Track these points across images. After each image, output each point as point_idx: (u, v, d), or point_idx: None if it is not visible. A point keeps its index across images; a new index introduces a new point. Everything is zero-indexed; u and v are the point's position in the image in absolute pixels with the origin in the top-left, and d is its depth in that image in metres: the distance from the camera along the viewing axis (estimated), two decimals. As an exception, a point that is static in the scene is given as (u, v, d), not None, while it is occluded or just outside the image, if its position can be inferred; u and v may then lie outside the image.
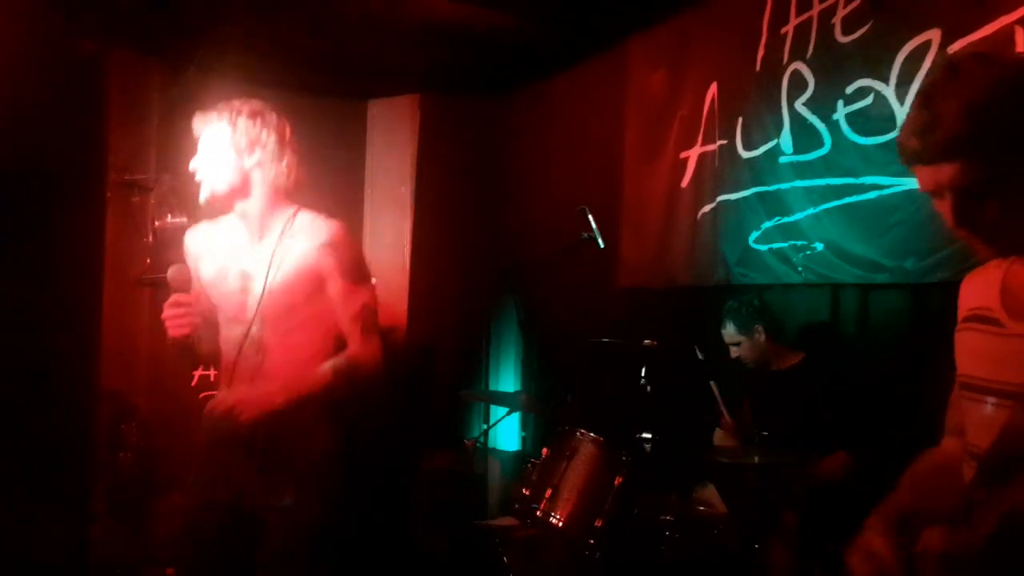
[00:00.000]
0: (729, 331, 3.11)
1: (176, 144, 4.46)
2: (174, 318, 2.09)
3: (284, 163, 2.22)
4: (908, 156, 1.22)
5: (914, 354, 2.62)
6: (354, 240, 2.32)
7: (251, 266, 2.18)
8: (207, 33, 4.20)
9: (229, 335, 2.18)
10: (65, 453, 3.66)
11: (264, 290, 2.13)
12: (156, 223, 4.16)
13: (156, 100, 4.40)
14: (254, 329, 2.13)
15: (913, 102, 1.23)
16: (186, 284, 2.13)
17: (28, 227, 3.61)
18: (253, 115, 2.23)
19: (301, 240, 2.16)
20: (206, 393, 4.43)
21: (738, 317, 3.10)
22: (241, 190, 2.19)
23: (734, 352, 3.13)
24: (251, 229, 2.21)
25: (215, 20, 4.07)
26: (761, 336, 3.08)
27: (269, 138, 2.22)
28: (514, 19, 4.03)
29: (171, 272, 2.13)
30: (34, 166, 3.60)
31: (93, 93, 3.96)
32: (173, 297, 2.10)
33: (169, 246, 4.38)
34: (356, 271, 2.20)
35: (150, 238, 4.22)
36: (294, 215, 2.22)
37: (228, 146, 2.19)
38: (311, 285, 2.15)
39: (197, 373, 4.46)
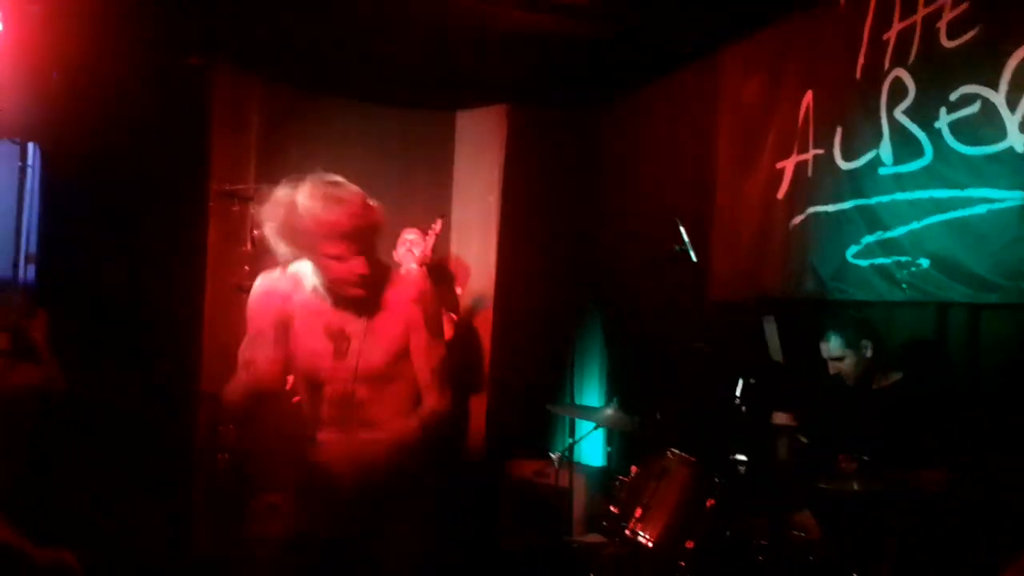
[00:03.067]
0: (833, 345, 3.00)
1: (275, 156, 4.64)
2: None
3: None
4: None
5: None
6: (434, 291, 2.41)
7: (349, 324, 2.25)
8: (303, 49, 4.34)
9: (319, 387, 2.28)
10: (168, 452, 3.84)
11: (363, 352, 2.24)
12: (255, 232, 4.31)
13: (256, 113, 4.56)
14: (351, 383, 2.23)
15: None
16: None
17: (137, 234, 3.80)
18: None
19: (395, 295, 2.28)
20: (300, 397, 4.56)
21: (846, 331, 2.99)
22: None
23: (834, 368, 3.02)
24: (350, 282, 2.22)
25: (311, 37, 4.20)
26: (868, 352, 2.97)
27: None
28: (604, 29, 4.01)
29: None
30: (143, 176, 3.80)
31: (198, 106, 4.15)
32: None
33: (267, 254, 4.54)
34: (437, 324, 2.34)
35: (249, 246, 4.37)
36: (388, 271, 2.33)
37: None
38: (403, 340, 2.29)
39: (291, 377, 4.58)
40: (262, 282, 2.34)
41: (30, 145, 3.65)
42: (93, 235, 3.67)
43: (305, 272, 2.28)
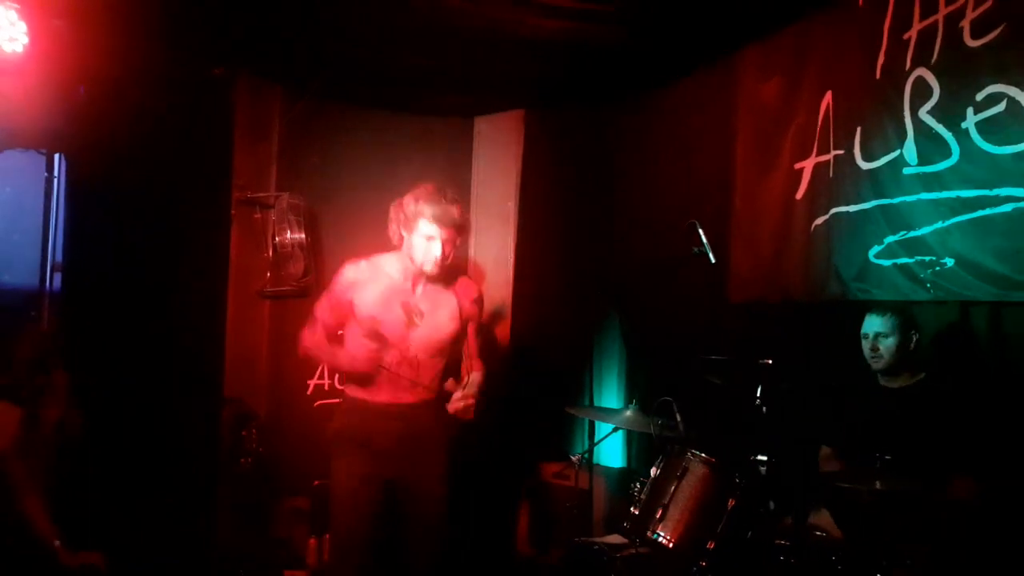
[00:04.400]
0: (884, 320, 2.97)
1: (295, 164, 4.69)
2: None
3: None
4: None
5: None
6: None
7: (418, 305, 2.95)
8: (323, 59, 4.38)
9: (386, 353, 2.94)
10: (193, 456, 3.88)
11: (428, 326, 2.98)
12: (276, 239, 4.37)
13: (277, 122, 4.61)
14: (412, 352, 2.98)
15: None
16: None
17: (161, 242, 3.85)
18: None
19: (460, 294, 3.07)
20: (321, 402, 4.60)
21: (902, 316, 2.97)
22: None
23: (873, 346, 2.98)
24: (413, 276, 2.99)
25: (331, 47, 4.24)
26: (913, 343, 2.95)
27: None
28: (620, 33, 4.01)
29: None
30: (167, 185, 3.85)
31: (220, 116, 4.20)
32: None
33: (287, 261, 4.60)
34: (481, 324, 3.24)
35: (270, 253, 4.42)
36: (456, 276, 3.11)
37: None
38: (463, 327, 3.07)
39: (312, 382, 4.63)
40: (348, 267, 3.03)
41: (56, 156, 3.72)
42: (118, 244, 3.73)
43: (388, 260, 3.01)
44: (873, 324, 3.01)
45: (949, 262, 2.95)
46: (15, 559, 2.71)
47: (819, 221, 3.58)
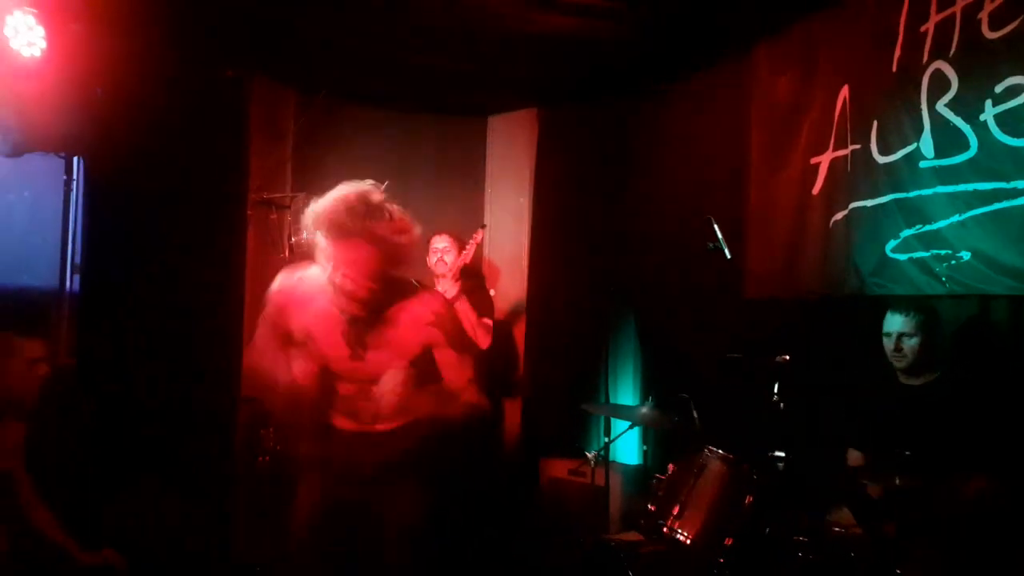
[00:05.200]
0: (907, 320, 2.89)
1: (309, 165, 4.71)
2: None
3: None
4: None
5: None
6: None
7: (365, 333, 2.33)
8: (337, 59, 4.40)
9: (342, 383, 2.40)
10: (210, 456, 3.91)
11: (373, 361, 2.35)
12: (292, 239, 4.39)
13: (292, 123, 4.64)
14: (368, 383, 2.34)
15: None
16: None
17: (178, 243, 3.88)
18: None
19: (409, 315, 2.35)
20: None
21: (924, 314, 2.90)
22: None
23: (895, 345, 2.92)
24: (358, 297, 2.25)
25: (345, 47, 4.26)
26: (936, 340, 2.88)
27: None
28: (633, 28, 4.01)
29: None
30: (184, 186, 3.88)
31: (236, 117, 4.23)
32: None
33: (304, 261, 4.60)
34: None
35: (286, 253, 4.45)
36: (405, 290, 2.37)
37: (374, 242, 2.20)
38: (420, 352, 2.39)
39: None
40: (283, 281, 2.43)
41: (75, 159, 3.76)
42: (136, 245, 3.77)
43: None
44: (896, 323, 2.93)
45: (965, 255, 2.93)
46: (35, 561, 2.74)
47: (838, 216, 3.56)
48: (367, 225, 2.13)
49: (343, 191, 2.19)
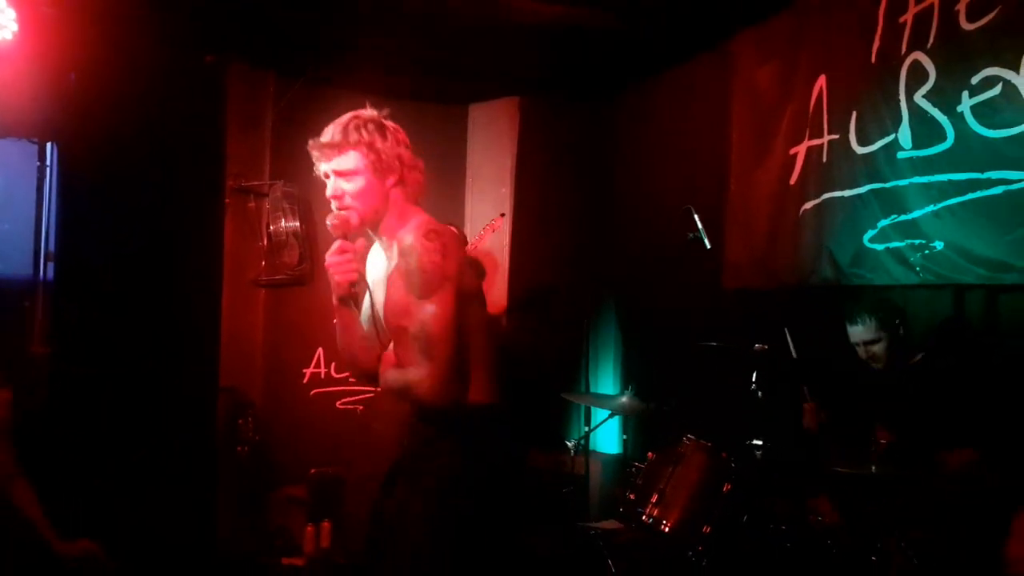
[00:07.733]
0: (867, 327, 2.91)
1: (288, 152, 4.66)
2: (339, 264, 2.05)
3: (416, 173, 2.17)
4: None
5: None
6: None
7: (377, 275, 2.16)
8: (316, 45, 4.35)
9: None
10: (189, 445, 3.88)
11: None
12: (270, 227, 4.35)
13: (270, 110, 4.58)
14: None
15: None
16: (347, 229, 2.07)
17: (154, 231, 3.84)
18: (382, 131, 2.13)
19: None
20: (318, 390, 4.60)
21: (879, 313, 2.91)
22: (383, 211, 2.12)
23: (867, 352, 2.95)
24: (384, 244, 2.16)
25: (324, 33, 4.21)
26: (901, 331, 2.91)
27: (404, 152, 2.13)
28: (615, 19, 4.00)
29: (330, 219, 2.08)
30: (160, 173, 3.84)
31: (213, 103, 4.18)
32: (337, 244, 2.06)
33: (282, 249, 4.56)
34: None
35: (264, 242, 4.40)
36: (421, 223, 2.12)
37: (368, 172, 2.08)
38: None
39: (308, 370, 4.62)
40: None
41: (48, 145, 3.70)
42: (111, 233, 3.72)
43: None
44: (856, 333, 2.95)
45: (939, 245, 2.96)
46: (10, 552, 2.71)
47: (808, 206, 3.58)
48: (361, 137, 2.07)
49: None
